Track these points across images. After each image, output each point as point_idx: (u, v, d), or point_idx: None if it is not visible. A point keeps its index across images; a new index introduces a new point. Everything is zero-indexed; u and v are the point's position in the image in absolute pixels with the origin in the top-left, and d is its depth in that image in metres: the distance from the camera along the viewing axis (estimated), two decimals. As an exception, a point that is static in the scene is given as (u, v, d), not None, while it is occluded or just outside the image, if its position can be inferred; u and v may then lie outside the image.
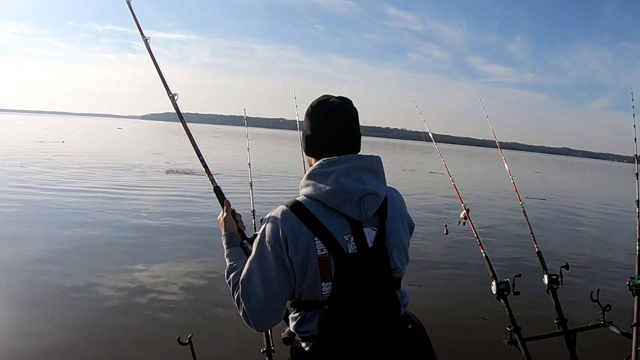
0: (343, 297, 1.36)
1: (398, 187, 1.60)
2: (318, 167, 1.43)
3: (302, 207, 1.38)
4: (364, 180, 1.40)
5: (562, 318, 2.98)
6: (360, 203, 1.38)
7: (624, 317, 3.08)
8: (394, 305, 1.44)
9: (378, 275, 1.40)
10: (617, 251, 9.10)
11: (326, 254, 1.35)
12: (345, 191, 1.36)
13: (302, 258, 1.35)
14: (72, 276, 5.26)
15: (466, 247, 7.56)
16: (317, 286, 1.36)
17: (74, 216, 8.28)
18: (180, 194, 11.60)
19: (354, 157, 1.43)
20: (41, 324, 4.07)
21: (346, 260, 1.36)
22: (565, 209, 15.13)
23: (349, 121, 1.50)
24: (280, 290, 1.39)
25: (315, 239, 1.35)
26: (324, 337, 1.38)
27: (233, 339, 2.95)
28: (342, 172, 1.38)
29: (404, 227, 1.51)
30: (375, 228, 1.42)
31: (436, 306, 5.05)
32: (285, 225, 1.36)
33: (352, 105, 1.54)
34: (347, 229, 1.38)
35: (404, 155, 53.38)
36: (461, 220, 3.31)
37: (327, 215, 1.37)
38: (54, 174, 13.82)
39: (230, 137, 68.98)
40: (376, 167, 1.46)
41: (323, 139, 1.50)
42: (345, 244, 1.37)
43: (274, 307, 1.42)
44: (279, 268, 1.37)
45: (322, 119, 1.50)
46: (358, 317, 1.37)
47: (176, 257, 6.31)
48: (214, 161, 21.01)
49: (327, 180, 1.38)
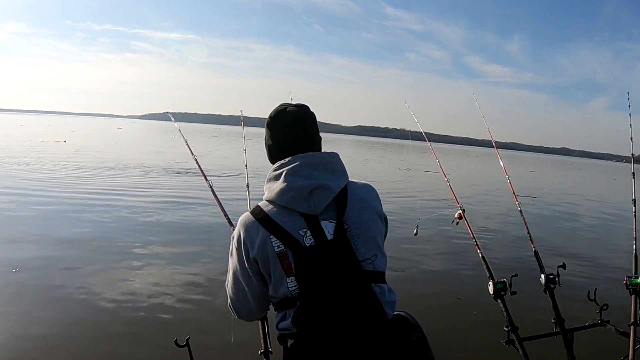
0: (309, 291, 1.40)
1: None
2: (272, 171, 1.54)
3: (259, 210, 1.50)
4: (313, 176, 1.45)
5: (560, 318, 2.97)
6: (309, 197, 1.43)
7: (621, 316, 3.08)
8: (368, 298, 1.41)
9: (343, 266, 1.40)
10: (614, 250, 9.12)
11: (283, 249, 1.41)
12: (292, 188, 1.43)
13: (262, 255, 1.44)
14: (72, 276, 5.25)
15: (461, 247, 7.56)
16: (283, 282, 1.43)
17: (74, 215, 8.26)
18: (182, 194, 11.61)
19: (303, 156, 1.50)
20: (36, 324, 4.05)
21: (304, 254, 1.40)
22: (554, 207, 15.26)
23: (303, 126, 1.59)
24: (246, 288, 1.56)
25: (271, 236, 1.42)
26: (300, 333, 1.43)
27: (231, 341, 2.95)
28: (290, 171, 1.46)
29: (370, 218, 1.51)
30: (333, 220, 1.45)
31: (432, 307, 5.05)
32: (244, 229, 1.50)
33: (307, 110, 1.62)
34: (303, 224, 1.43)
35: (402, 155, 53.45)
36: (455, 220, 3.29)
37: (281, 214, 1.45)
38: (60, 172, 13.93)
39: (229, 137, 69.06)
40: (330, 162, 1.52)
41: (280, 145, 1.59)
42: (301, 238, 1.42)
43: (246, 300, 1.60)
44: (242, 267, 1.52)
45: (278, 128, 1.59)
46: (328, 311, 1.38)
47: (176, 257, 6.28)
48: (213, 161, 21.00)
49: (277, 181, 1.47)
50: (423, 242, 7.91)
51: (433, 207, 12.03)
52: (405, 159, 42.10)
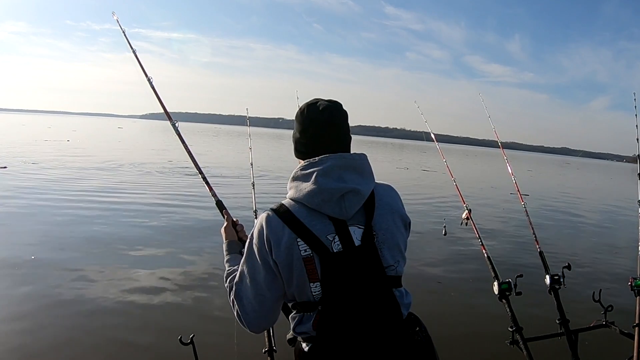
0: (334, 296, 1.37)
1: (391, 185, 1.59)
2: (299, 169, 1.45)
3: (285, 210, 1.41)
4: (344, 179, 1.40)
5: (564, 318, 2.97)
6: (340, 202, 1.38)
7: (626, 317, 3.08)
8: (390, 304, 1.41)
9: (368, 273, 1.39)
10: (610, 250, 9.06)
11: (310, 254, 1.36)
12: (323, 191, 1.37)
13: (286, 259, 1.37)
14: (73, 275, 5.25)
15: (466, 246, 7.55)
16: (306, 287, 1.38)
17: (74, 215, 8.25)
18: (184, 194, 11.58)
19: (334, 157, 1.44)
20: (38, 323, 4.06)
21: (331, 259, 1.36)
22: (545, 203, 15.20)
23: (335, 123, 1.51)
24: (268, 293, 1.43)
25: (298, 239, 1.36)
26: (320, 337, 1.39)
27: (235, 339, 2.95)
28: (321, 172, 1.40)
29: (395, 224, 1.49)
30: (361, 226, 1.41)
31: (437, 306, 5.04)
32: (268, 228, 1.40)
33: (340, 107, 1.54)
34: (331, 229, 1.39)
35: (401, 154, 53.50)
36: (463, 220, 3.30)
37: (309, 216, 1.39)
38: (64, 171, 14.07)
39: (230, 136, 69.06)
40: (360, 164, 1.46)
41: (309, 141, 1.51)
42: (329, 243, 1.37)
43: (264, 309, 1.46)
44: (265, 270, 1.41)
45: (309, 122, 1.52)
46: (351, 317, 1.36)
47: (179, 256, 6.29)
48: (214, 161, 21.00)
49: (307, 182, 1.41)
50: (426, 240, 7.92)
51: (435, 205, 12.04)
52: (403, 157, 42.24)
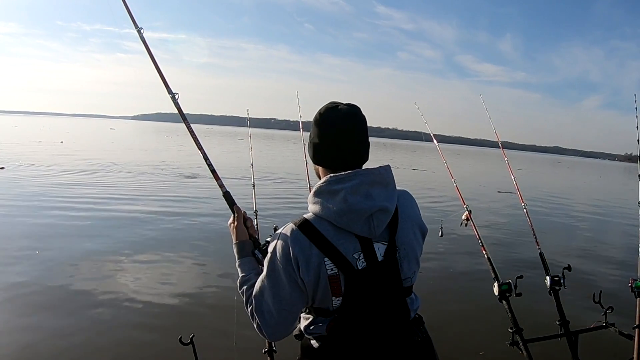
0: (352, 308, 1.38)
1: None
2: (324, 185, 1.39)
3: (311, 227, 1.37)
4: (372, 196, 1.36)
5: (564, 320, 2.97)
6: (369, 221, 1.35)
7: (626, 319, 3.08)
8: (402, 312, 1.44)
9: (387, 287, 1.40)
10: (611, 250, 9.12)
11: (336, 272, 1.35)
12: (353, 211, 1.34)
13: (314, 278, 1.35)
14: (74, 275, 5.24)
15: (465, 247, 7.55)
16: (327, 300, 1.38)
17: (74, 215, 8.20)
18: (184, 194, 11.60)
19: (361, 173, 1.39)
20: (39, 324, 4.04)
21: (356, 277, 1.35)
22: (532, 202, 15.25)
23: (358, 130, 1.45)
24: (293, 307, 1.42)
25: (326, 259, 1.34)
26: (331, 338, 1.41)
27: (234, 339, 2.94)
28: (350, 190, 1.35)
29: (415, 236, 1.49)
30: (385, 242, 1.40)
31: (437, 307, 5.02)
32: (295, 246, 1.36)
33: (361, 113, 1.48)
34: (357, 247, 1.37)
35: (393, 153, 53.77)
36: (463, 221, 3.29)
37: (336, 235, 1.36)
38: (64, 171, 14.18)
39: (222, 137, 68.96)
40: (386, 178, 1.42)
41: (331, 148, 1.45)
42: (354, 261, 1.36)
43: (287, 322, 1.44)
44: (291, 287, 1.38)
45: (331, 128, 1.44)
46: (365, 324, 1.39)
47: (179, 257, 6.27)
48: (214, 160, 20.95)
49: (334, 199, 1.35)
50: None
51: (429, 205, 12.02)
52: (394, 157, 42.53)
